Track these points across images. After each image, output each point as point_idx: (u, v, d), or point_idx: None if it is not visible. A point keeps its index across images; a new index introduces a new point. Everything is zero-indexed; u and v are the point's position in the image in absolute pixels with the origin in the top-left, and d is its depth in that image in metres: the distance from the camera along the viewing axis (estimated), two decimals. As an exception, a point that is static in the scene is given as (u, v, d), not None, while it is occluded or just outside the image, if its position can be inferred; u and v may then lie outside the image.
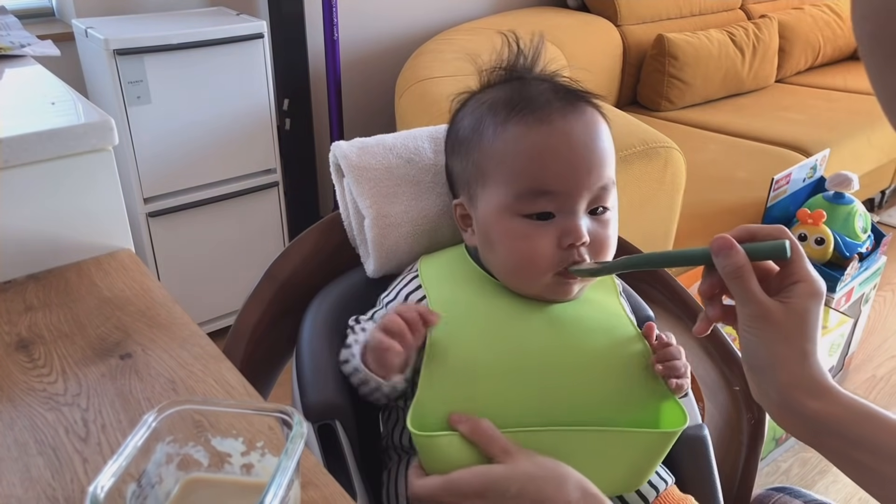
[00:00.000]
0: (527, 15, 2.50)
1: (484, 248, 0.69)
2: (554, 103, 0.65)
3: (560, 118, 0.64)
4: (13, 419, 0.55)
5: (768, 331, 0.52)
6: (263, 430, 0.49)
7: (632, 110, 2.53)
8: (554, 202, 0.64)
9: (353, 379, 0.67)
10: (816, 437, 0.53)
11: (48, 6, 1.88)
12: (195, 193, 1.76)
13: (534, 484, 0.57)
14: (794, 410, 0.52)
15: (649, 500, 0.70)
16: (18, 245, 0.73)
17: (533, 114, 0.64)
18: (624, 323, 0.68)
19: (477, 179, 0.68)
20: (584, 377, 0.64)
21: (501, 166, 0.65)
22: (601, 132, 0.66)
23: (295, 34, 1.97)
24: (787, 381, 0.52)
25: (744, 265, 0.53)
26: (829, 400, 0.51)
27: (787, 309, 0.52)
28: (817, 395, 0.52)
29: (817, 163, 1.81)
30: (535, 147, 0.64)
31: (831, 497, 1.52)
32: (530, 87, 0.67)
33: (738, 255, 0.53)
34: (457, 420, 0.61)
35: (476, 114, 0.69)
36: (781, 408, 0.53)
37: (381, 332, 0.63)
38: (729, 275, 0.53)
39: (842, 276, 1.61)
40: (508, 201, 0.65)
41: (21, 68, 1.03)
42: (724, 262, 0.53)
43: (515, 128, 0.64)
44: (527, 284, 0.66)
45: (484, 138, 0.67)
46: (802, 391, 0.52)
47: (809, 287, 0.53)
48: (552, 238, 0.64)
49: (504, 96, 0.67)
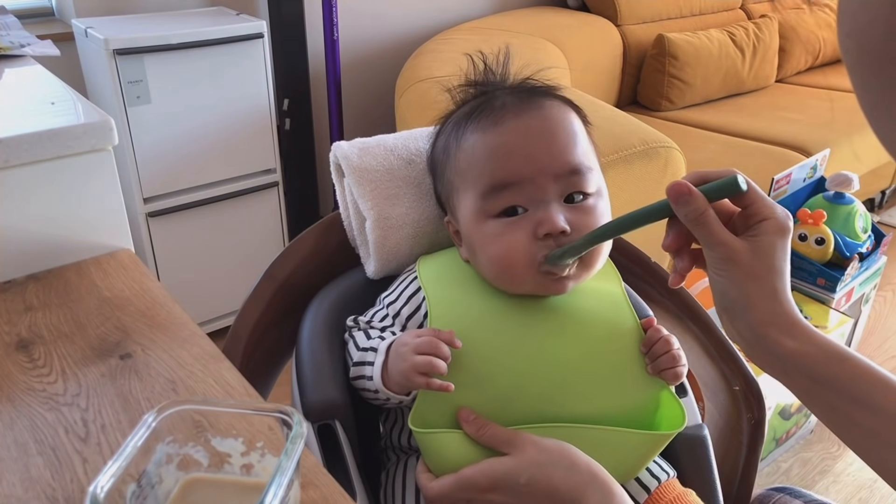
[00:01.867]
0: (527, 15, 2.50)
1: (472, 257, 0.69)
2: (508, 106, 0.65)
3: (513, 118, 0.64)
4: (13, 419, 0.55)
5: (737, 271, 0.52)
6: (263, 430, 0.49)
7: (632, 110, 2.53)
8: (520, 194, 0.63)
9: (367, 394, 0.68)
10: (787, 375, 0.53)
11: (48, 6, 1.88)
12: (195, 193, 1.76)
13: (542, 471, 0.58)
14: (767, 348, 0.52)
15: (650, 490, 0.70)
16: (18, 245, 0.73)
17: (487, 118, 0.65)
18: (625, 315, 0.68)
19: (452, 194, 0.69)
20: (584, 374, 0.65)
21: (466, 175, 0.66)
22: (563, 120, 0.65)
23: (295, 34, 1.97)
24: (760, 319, 0.52)
25: (705, 209, 0.52)
26: (803, 339, 0.52)
27: (754, 247, 0.52)
28: (791, 334, 0.52)
29: (817, 163, 1.80)
30: (489, 146, 0.64)
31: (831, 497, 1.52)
32: (492, 98, 0.68)
33: (698, 199, 0.52)
34: (465, 418, 0.62)
35: (445, 133, 0.71)
36: (754, 346, 0.53)
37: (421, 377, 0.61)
38: (692, 221, 0.53)
39: (842, 276, 1.61)
40: (477, 205, 0.65)
41: (21, 68, 1.03)
42: (685, 208, 0.53)
43: (472, 136, 0.66)
44: (514, 285, 0.66)
45: (450, 155, 0.68)
46: (776, 329, 0.52)
47: (775, 223, 0.53)
48: (526, 232, 0.63)
49: (466, 110, 0.69)
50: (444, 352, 0.61)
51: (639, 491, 0.70)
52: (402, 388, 0.64)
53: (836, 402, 0.51)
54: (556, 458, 0.59)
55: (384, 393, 0.65)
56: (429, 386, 0.60)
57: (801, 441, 1.70)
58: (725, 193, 0.53)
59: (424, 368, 0.60)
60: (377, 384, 0.65)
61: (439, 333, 0.62)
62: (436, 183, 0.74)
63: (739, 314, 0.53)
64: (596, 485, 0.58)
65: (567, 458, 0.59)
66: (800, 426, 1.66)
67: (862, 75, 0.29)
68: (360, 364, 0.67)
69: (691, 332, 0.84)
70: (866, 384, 0.50)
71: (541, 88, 0.68)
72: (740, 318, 0.53)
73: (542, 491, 0.58)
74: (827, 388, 0.51)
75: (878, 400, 0.49)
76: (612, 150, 1.40)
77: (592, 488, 0.58)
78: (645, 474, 0.71)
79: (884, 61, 0.27)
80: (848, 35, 0.28)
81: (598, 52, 2.50)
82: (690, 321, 0.84)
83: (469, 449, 0.61)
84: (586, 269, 0.65)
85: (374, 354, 0.66)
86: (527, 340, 0.65)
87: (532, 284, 0.65)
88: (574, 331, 0.66)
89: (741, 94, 2.76)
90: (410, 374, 0.60)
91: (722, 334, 0.83)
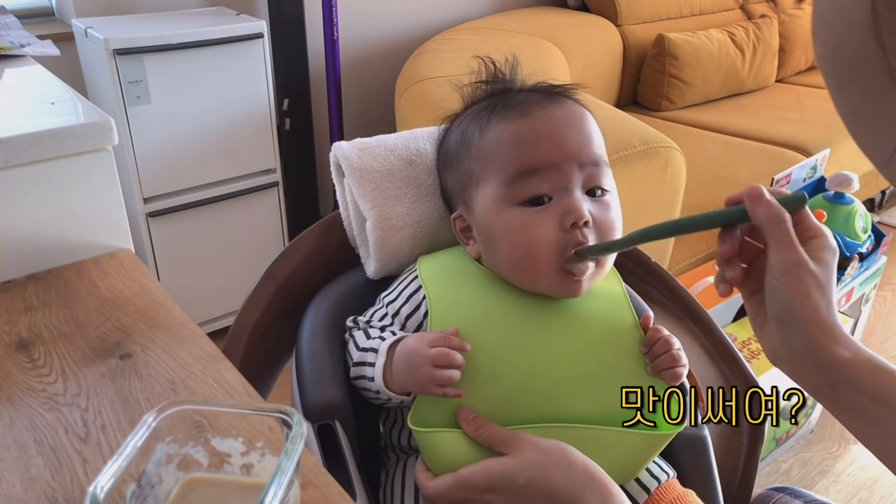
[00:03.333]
0: (527, 15, 2.50)
1: (487, 251, 0.68)
2: (533, 99, 0.67)
3: (540, 109, 0.66)
4: (13, 419, 0.55)
5: (805, 279, 0.53)
6: (263, 430, 0.49)
7: (632, 110, 2.53)
8: (546, 181, 0.64)
9: (368, 394, 0.68)
10: (834, 388, 0.53)
11: (48, 6, 1.88)
12: (195, 193, 1.76)
13: (540, 472, 0.58)
14: (819, 361, 0.53)
15: (650, 490, 0.70)
16: (18, 245, 0.73)
17: (514, 109, 0.66)
18: (625, 315, 0.68)
19: (470, 183, 0.68)
20: (584, 374, 0.65)
21: (491, 162, 0.66)
22: (584, 118, 0.67)
23: (295, 34, 1.97)
24: (820, 330, 0.53)
25: (783, 211, 0.53)
26: (853, 350, 0.52)
27: (816, 259, 0.53)
28: (845, 345, 0.52)
29: (817, 163, 1.80)
30: (519, 133, 0.65)
31: (831, 497, 1.52)
32: (512, 94, 0.69)
33: (775, 202, 0.53)
34: (464, 417, 0.62)
35: (461, 127, 0.71)
36: (805, 359, 0.53)
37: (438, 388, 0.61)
38: (771, 221, 0.53)
39: (842, 277, 1.61)
40: (502, 191, 0.65)
41: (21, 68, 1.03)
42: (766, 209, 0.53)
43: (498, 124, 0.66)
44: (533, 278, 0.65)
45: (472, 144, 0.68)
46: (831, 340, 0.52)
47: (826, 241, 0.54)
48: (553, 222, 0.63)
49: (486, 105, 0.69)
50: (458, 361, 0.61)
51: (638, 491, 0.70)
52: (405, 391, 0.64)
53: (882, 414, 0.51)
54: (554, 459, 0.59)
55: (385, 394, 0.65)
56: (444, 395, 0.61)
57: (801, 441, 1.70)
58: (793, 205, 0.54)
59: (442, 381, 0.61)
60: (378, 385, 0.65)
61: (450, 341, 0.62)
62: (445, 177, 0.73)
63: (798, 325, 0.53)
64: (594, 485, 0.58)
65: (565, 458, 0.59)
66: (800, 426, 1.66)
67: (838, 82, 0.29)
68: (361, 364, 0.67)
69: (691, 332, 0.84)
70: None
71: (559, 88, 0.70)
72: (799, 328, 0.53)
73: (541, 492, 0.58)
74: (874, 400, 0.51)
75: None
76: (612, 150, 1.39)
77: (590, 489, 0.58)
78: (645, 475, 0.71)
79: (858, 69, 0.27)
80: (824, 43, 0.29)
81: (598, 52, 2.50)
82: (690, 321, 0.84)
83: (468, 449, 0.61)
84: (601, 270, 0.66)
85: (375, 355, 0.66)
86: (528, 341, 0.65)
87: (548, 281, 0.64)
88: (575, 331, 0.66)
89: (741, 94, 2.76)
90: (428, 386, 0.61)
91: (722, 334, 0.83)
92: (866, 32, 0.26)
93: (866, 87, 0.27)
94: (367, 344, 0.68)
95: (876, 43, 0.26)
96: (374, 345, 0.67)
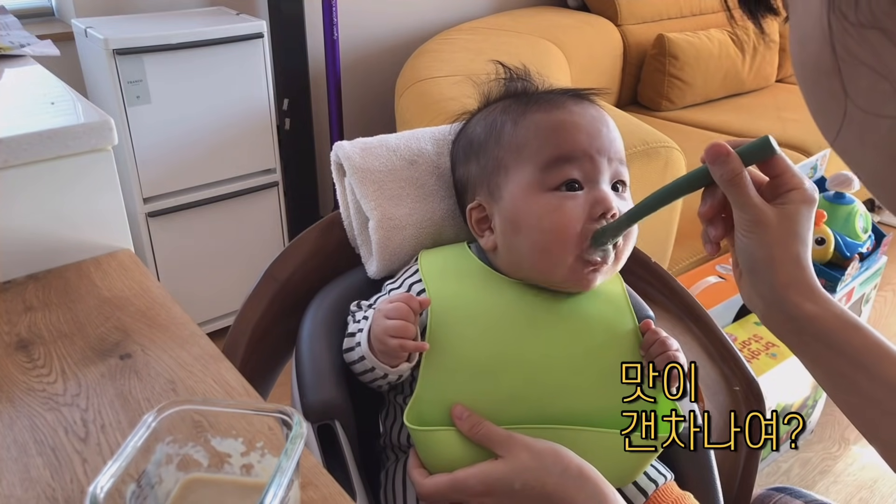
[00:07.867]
0: (527, 15, 2.50)
1: (507, 240, 0.68)
2: (566, 97, 0.70)
3: (575, 105, 0.69)
4: (13, 419, 0.55)
5: (764, 234, 0.54)
6: (263, 430, 0.49)
7: (632, 110, 2.53)
8: (580, 169, 0.66)
9: (358, 367, 0.67)
10: (800, 337, 0.55)
11: (48, 6, 1.88)
12: (195, 193, 1.76)
13: (535, 476, 0.59)
14: (785, 311, 0.54)
15: (648, 493, 0.70)
16: (18, 245, 0.73)
17: (550, 103, 0.69)
18: (625, 317, 0.68)
19: (498, 171, 0.69)
20: (583, 375, 0.65)
21: (526, 148, 0.67)
22: (610, 121, 0.70)
23: (295, 34, 1.97)
24: (783, 281, 0.54)
25: (740, 171, 0.55)
26: (821, 304, 0.54)
27: (782, 213, 0.55)
28: (811, 299, 0.54)
29: (817, 163, 1.80)
30: (558, 121, 0.68)
31: (831, 497, 1.52)
32: (539, 94, 0.72)
33: (734, 160, 0.55)
34: (458, 415, 0.62)
35: (488, 119, 0.72)
36: (772, 308, 0.55)
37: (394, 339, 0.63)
38: (727, 181, 0.55)
39: (842, 277, 1.61)
40: (535, 177, 0.66)
41: (21, 68, 1.03)
42: (722, 169, 0.55)
43: (535, 115, 0.68)
44: (552, 267, 0.66)
45: (503, 133, 0.69)
46: (796, 292, 0.54)
47: (802, 194, 0.55)
48: (583, 209, 0.65)
49: (515, 101, 0.71)
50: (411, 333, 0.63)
51: (636, 495, 0.70)
52: (383, 356, 0.65)
53: (844, 367, 0.52)
54: (548, 462, 0.59)
55: (371, 360, 0.65)
56: (402, 348, 0.62)
57: (801, 441, 1.70)
58: (758, 155, 0.55)
59: (396, 332, 0.62)
60: (364, 350, 0.65)
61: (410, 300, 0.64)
62: (465, 168, 0.73)
63: (763, 275, 0.55)
64: (588, 488, 0.59)
65: (560, 462, 0.60)
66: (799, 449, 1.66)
67: (803, 85, 0.33)
68: (352, 335, 0.69)
69: (691, 332, 0.84)
70: (875, 354, 0.52)
71: (586, 91, 0.72)
72: (763, 278, 0.55)
73: (537, 495, 0.59)
74: (837, 353, 0.53)
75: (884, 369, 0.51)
76: (612, 150, 1.40)
77: (585, 493, 0.58)
78: (642, 478, 0.71)
79: (817, 73, 0.31)
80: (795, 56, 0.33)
81: (598, 52, 2.50)
82: (691, 321, 0.84)
83: (463, 448, 0.61)
84: (617, 260, 0.67)
85: (366, 322, 0.67)
86: (528, 340, 0.65)
87: (566, 270, 0.65)
88: (575, 332, 0.66)
89: (741, 94, 2.75)
90: (383, 336, 0.63)
91: (722, 334, 0.82)
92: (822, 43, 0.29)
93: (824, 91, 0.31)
94: (361, 316, 0.70)
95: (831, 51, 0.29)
96: (367, 314, 0.69)
